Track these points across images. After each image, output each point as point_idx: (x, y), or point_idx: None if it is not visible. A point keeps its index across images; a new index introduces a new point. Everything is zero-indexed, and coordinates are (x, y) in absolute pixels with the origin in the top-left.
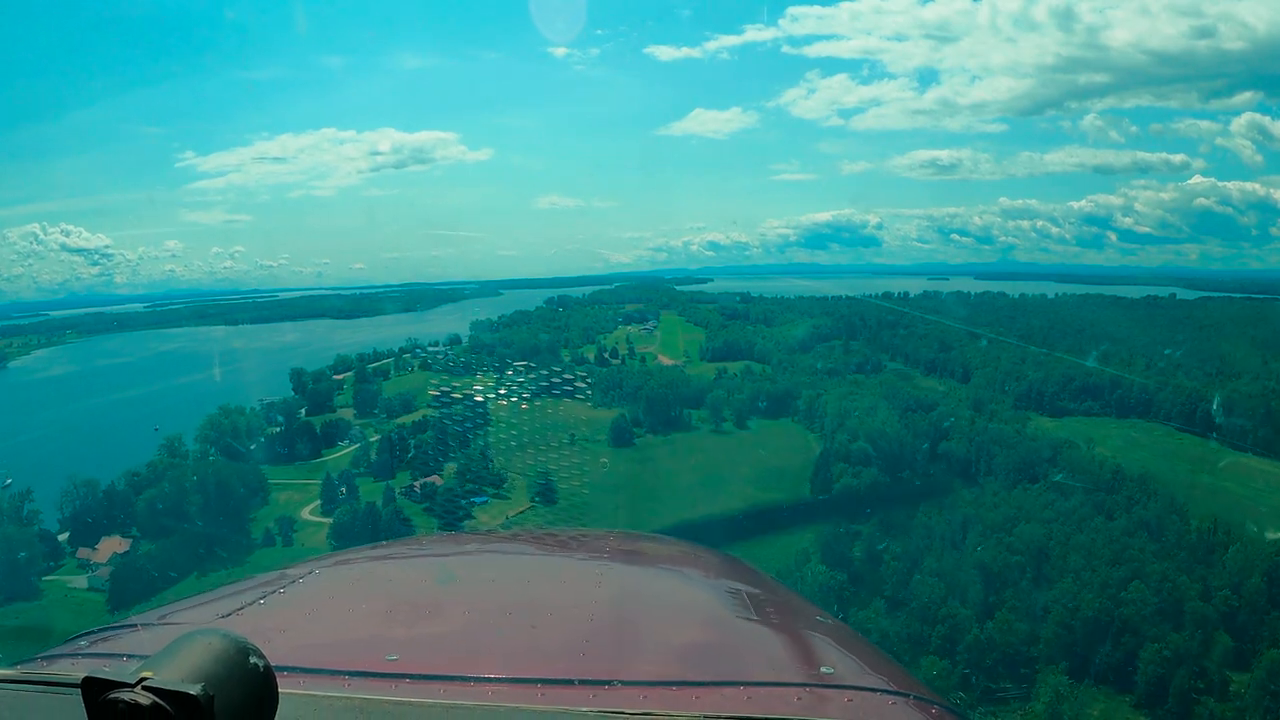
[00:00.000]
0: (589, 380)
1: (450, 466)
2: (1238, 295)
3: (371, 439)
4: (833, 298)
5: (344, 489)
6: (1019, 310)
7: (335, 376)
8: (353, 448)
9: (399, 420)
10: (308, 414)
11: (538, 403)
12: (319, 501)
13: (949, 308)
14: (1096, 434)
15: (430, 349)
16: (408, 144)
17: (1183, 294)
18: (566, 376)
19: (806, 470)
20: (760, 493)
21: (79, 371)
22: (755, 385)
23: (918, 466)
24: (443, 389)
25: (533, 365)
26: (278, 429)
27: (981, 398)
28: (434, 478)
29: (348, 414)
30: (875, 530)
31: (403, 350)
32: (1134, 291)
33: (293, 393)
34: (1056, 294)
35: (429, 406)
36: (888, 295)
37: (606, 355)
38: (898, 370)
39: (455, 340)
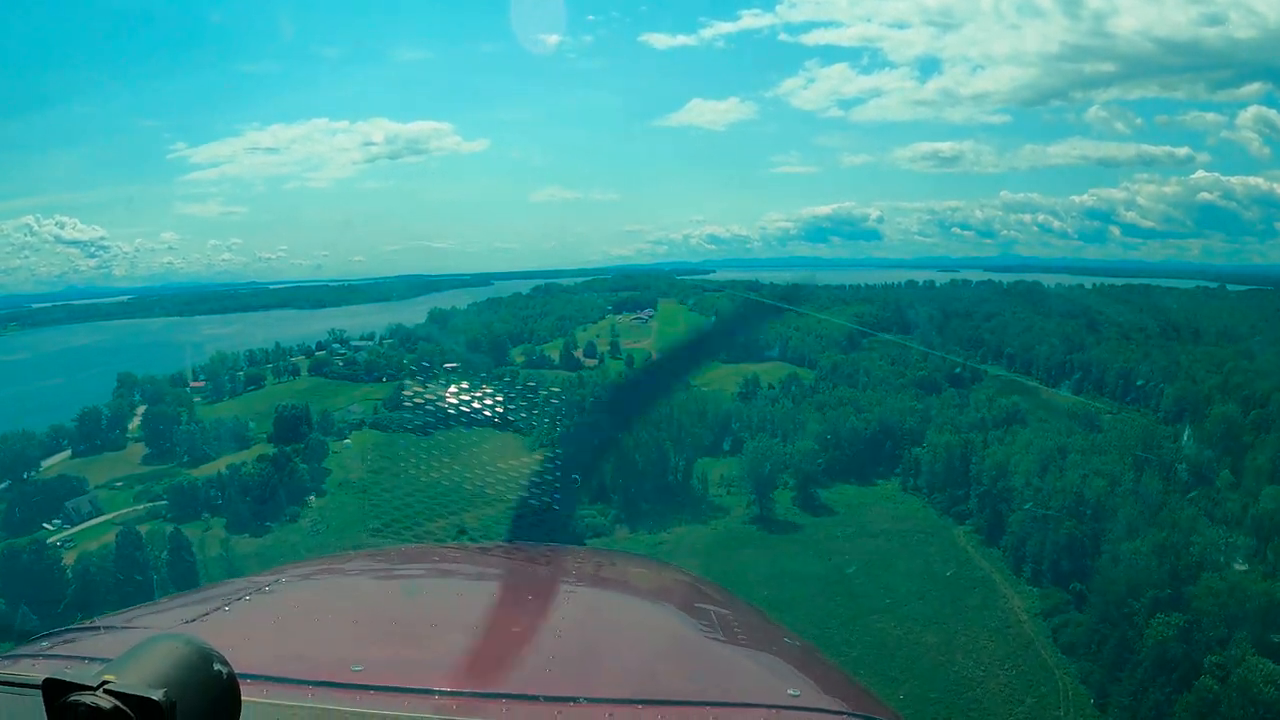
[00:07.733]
0: (538, 393)
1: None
2: None
3: (116, 514)
4: (851, 286)
5: None
6: (1074, 301)
7: (191, 385)
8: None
9: (194, 473)
10: (77, 454)
11: (442, 434)
12: None
13: (997, 296)
14: None
15: (359, 344)
16: (402, 134)
17: (1231, 286)
18: (496, 398)
19: None
20: None
21: None
22: (823, 412)
23: None
24: (294, 412)
25: (456, 368)
26: (25, 474)
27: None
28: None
29: (136, 453)
30: None
31: (319, 346)
32: (1164, 284)
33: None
34: (1094, 284)
35: (268, 440)
36: (911, 284)
37: (578, 353)
38: (1004, 378)
39: (396, 330)
